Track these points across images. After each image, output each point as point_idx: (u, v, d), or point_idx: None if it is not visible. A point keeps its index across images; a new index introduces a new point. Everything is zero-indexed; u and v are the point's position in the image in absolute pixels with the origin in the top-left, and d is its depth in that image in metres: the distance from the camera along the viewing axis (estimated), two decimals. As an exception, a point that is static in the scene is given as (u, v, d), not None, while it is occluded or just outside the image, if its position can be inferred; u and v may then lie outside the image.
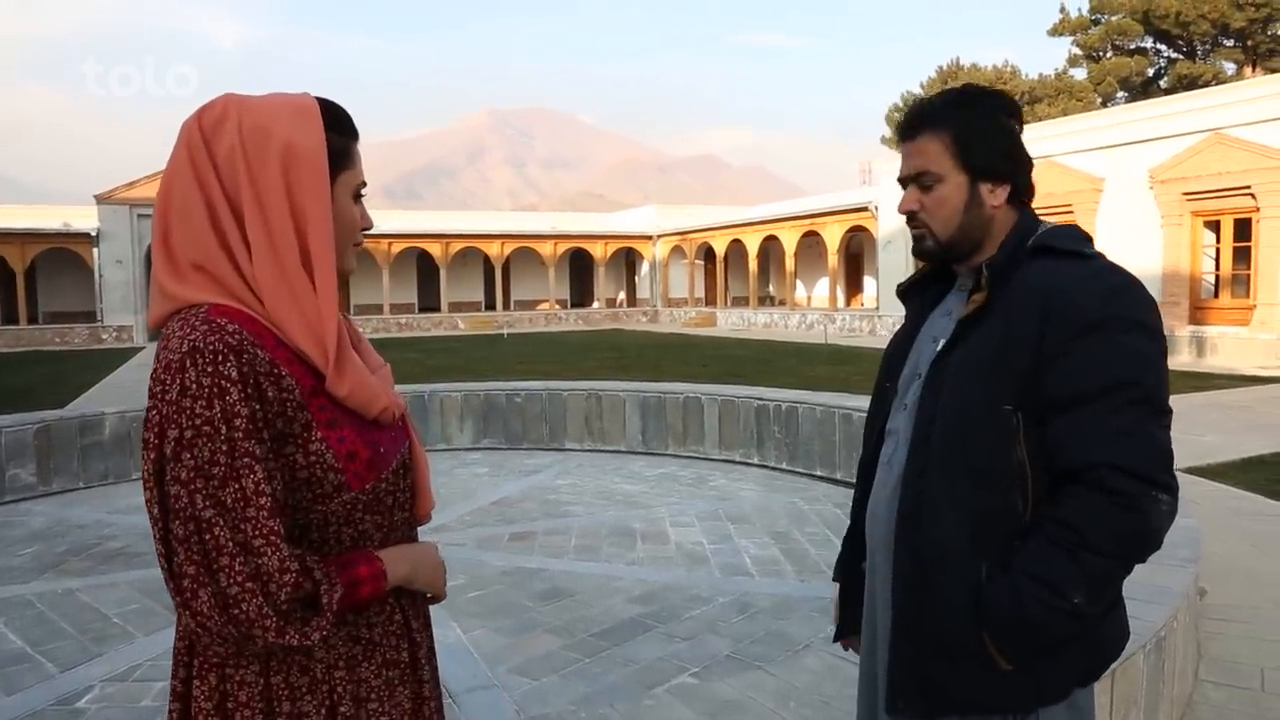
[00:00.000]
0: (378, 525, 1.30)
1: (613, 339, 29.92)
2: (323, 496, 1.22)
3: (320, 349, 1.21)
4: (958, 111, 1.56)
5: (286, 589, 1.11)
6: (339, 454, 1.22)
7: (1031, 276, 1.49)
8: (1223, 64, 39.99)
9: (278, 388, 1.17)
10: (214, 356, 1.13)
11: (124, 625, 4.57)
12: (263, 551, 1.11)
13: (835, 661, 2.61)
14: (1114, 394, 1.40)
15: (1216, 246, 19.38)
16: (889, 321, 28.59)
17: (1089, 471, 1.40)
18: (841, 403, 8.17)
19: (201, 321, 1.16)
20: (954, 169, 1.55)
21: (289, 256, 1.20)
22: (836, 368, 17.81)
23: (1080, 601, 1.39)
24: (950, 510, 1.49)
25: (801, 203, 40.27)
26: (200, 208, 1.20)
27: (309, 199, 1.21)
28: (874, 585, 1.71)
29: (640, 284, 48.11)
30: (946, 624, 1.49)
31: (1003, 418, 1.45)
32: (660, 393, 9.44)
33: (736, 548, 5.84)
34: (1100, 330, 1.41)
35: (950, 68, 48.66)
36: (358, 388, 1.25)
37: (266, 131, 1.21)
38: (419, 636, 1.38)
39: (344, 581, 1.20)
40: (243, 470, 1.12)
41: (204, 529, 1.10)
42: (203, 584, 1.10)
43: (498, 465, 8.87)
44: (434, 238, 40.59)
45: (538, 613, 4.67)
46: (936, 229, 1.59)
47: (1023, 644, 1.44)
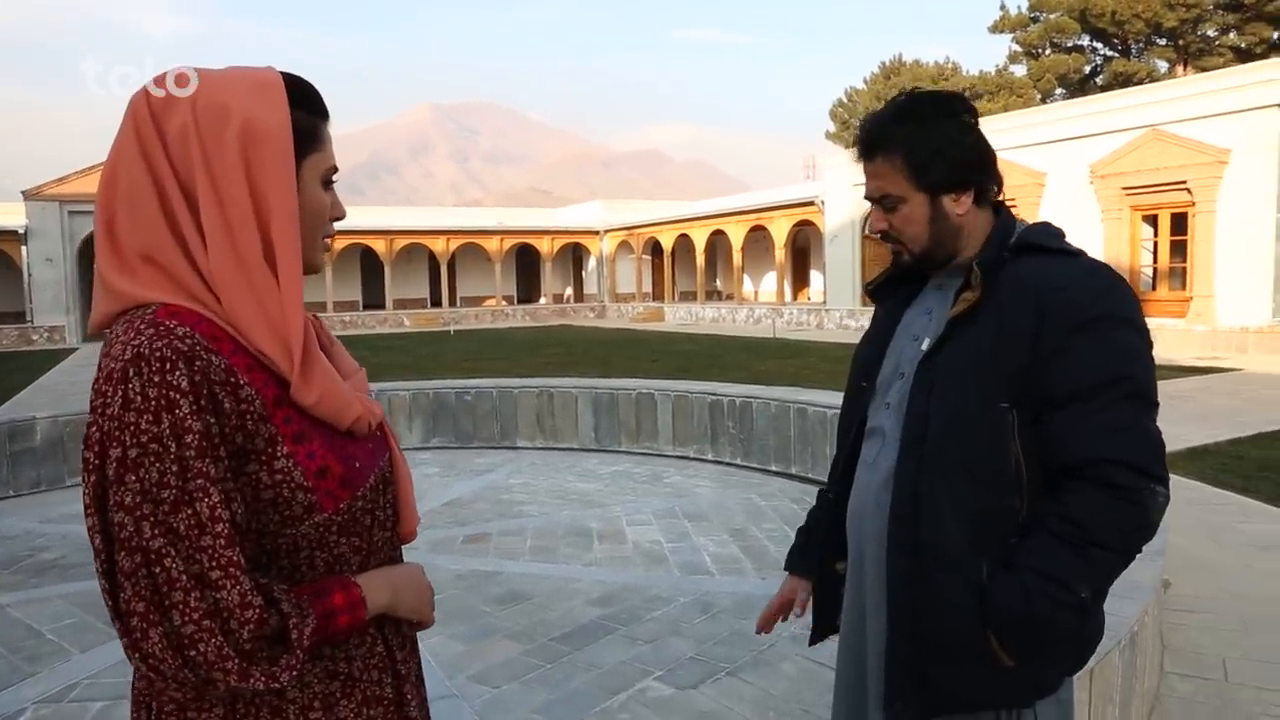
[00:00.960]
0: (355, 548, 1.17)
1: (561, 335, 29.73)
2: (291, 519, 1.09)
3: (284, 351, 1.08)
4: (907, 130, 1.55)
5: (249, 626, 0.99)
6: (308, 471, 1.09)
7: (1022, 274, 1.50)
8: (1156, 62, 41.02)
9: (236, 398, 1.04)
10: (161, 364, 0.99)
11: (59, 642, 4.34)
12: (221, 584, 0.98)
13: (812, 667, 2.54)
14: (1110, 389, 1.42)
15: (1154, 240, 19.85)
16: (836, 315, 28.81)
17: (1091, 467, 1.41)
18: (795, 397, 8.14)
19: (147, 325, 1.02)
20: (912, 189, 1.56)
21: (249, 247, 1.07)
22: (786, 361, 17.86)
23: (1087, 596, 1.42)
24: (949, 510, 1.49)
25: (748, 197, 40.44)
26: (149, 192, 1.06)
27: (271, 183, 1.08)
28: (861, 587, 1.68)
29: (587, 279, 47.93)
30: (948, 624, 1.49)
31: (998, 415, 1.45)
32: (612, 389, 9.34)
33: (695, 546, 5.76)
34: (1095, 326, 1.43)
35: (893, 64, 49.24)
36: (327, 395, 1.12)
37: (224, 107, 1.07)
38: (404, 668, 1.25)
39: (317, 612, 1.07)
40: (196, 493, 0.99)
41: (153, 561, 0.97)
42: (153, 623, 0.97)
43: (448, 465, 8.69)
44: (378, 234, 39.97)
45: (495, 617, 4.54)
46: (909, 244, 1.61)
47: (1030, 641, 1.45)
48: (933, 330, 1.59)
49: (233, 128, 1.07)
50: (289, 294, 1.09)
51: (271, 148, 1.08)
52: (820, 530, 1.87)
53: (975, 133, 1.58)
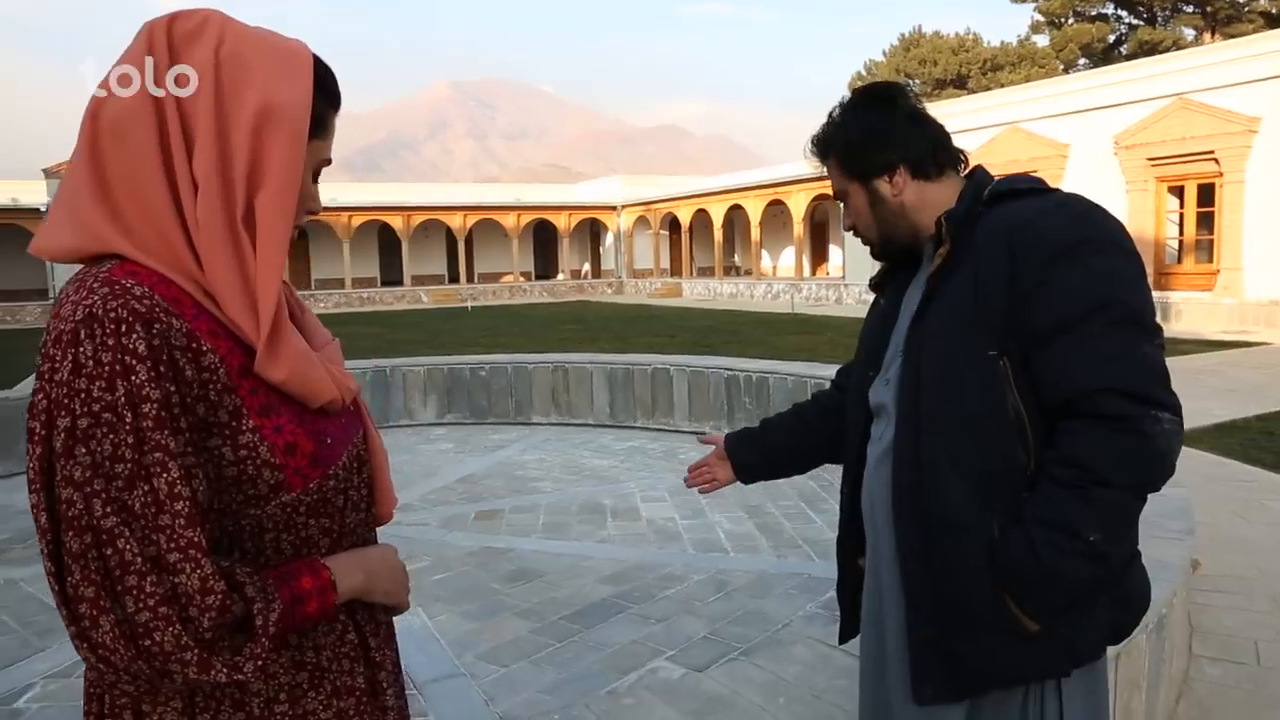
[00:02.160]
0: (325, 530, 1.08)
1: (578, 311, 29.66)
2: (257, 498, 1.00)
3: (253, 320, 0.99)
4: (836, 130, 1.62)
5: (210, 613, 0.90)
6: (275, 447, 1.00)
7: (993, 220, 1.46)
8: (1183, 30, 40.23)
9: (197, 366, 0.95)
10: (116, 326, 0.91)
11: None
12: (180, 568, 0.89)
13: (825, 650, 2.45)
14: (1096, 316, 1.34)
15: (1180, 212, 19.48)
16: (855, 290, 28.59)
17: (1083, 400, 1.34)
18: (813, 372, 8.03)
19: (101, 283, 0.93)
20: (849, 182, 1.62)
21: (236, 207, 0.99)
22: (804, 337, 17.72)
23: (1097, 539, 1.32)
24: (951, 471, 1.43)
25: (766, 172, 40.08)
26: (149, 121, 0.97)
27: (278, 152, 1.00)
28: (878, 572, 1.61)
29: (605, 255, 47.78)
30: (964, 591, 1.42)
31: (989, 365, 1.40)
32: (628, 364, 9.25)
33: (710, 523, 5.69)
34: (1071, 254, 1.37)
35: (913, 35, 48.52)
36: (297, 374, 1.03)
37: (248, 64, 1.00)
38: (378, 655, 1.16)
39: (285, 598, 0.98)
40: (154, 467, 0.90)
41: (105, 541, 0.88)
42: (104, 610, 0.88)
43: (462, 441, 8.65)
44: (395, 210, 39.97)
45: (506, 595, 4.48)
46: (865, 233, 1.65)
47: (1045, 597, 1.37)
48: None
49: (253, 88, 1.00)
50: (267, 262, 1.01)
51: (288, 118, 1.02)
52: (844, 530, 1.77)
53: (900, 113, 1.59)
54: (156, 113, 0.98)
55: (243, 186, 1.00)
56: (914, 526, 1.47)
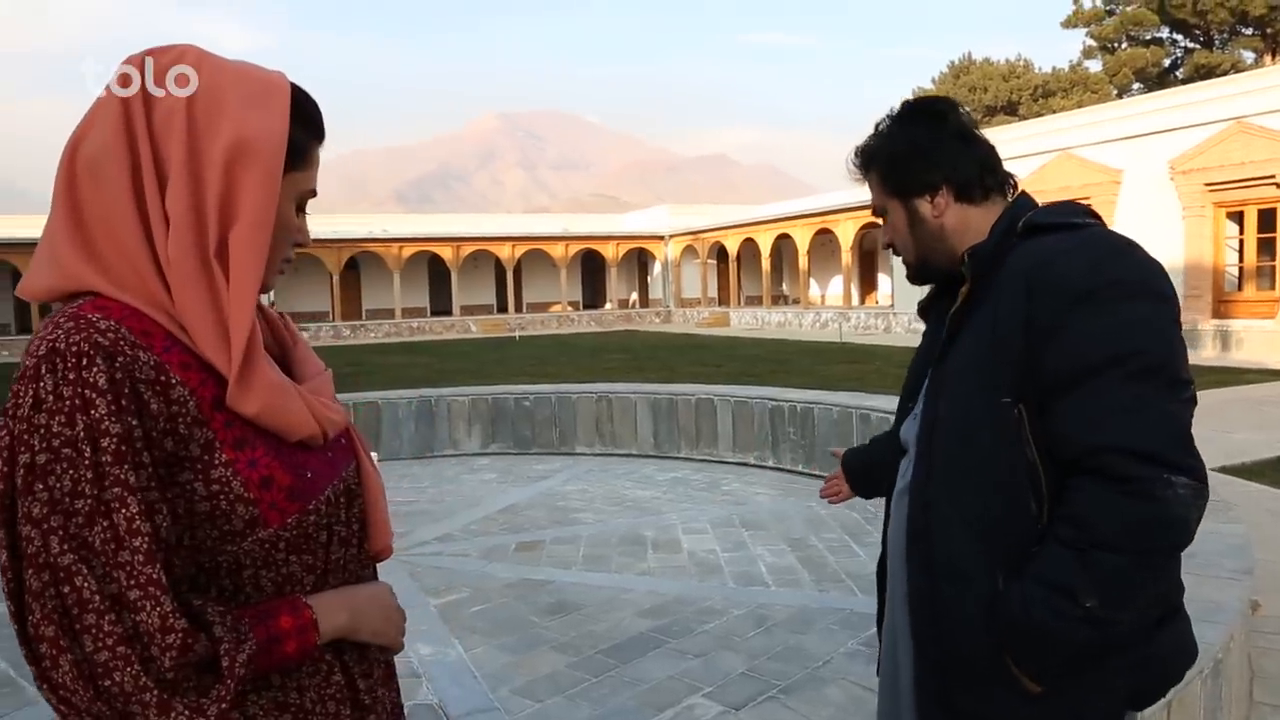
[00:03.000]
0: (308, 567, 1.06)
1: (625, 340, 29.70)
2: (232, 534, 0.98)
3: (225, 354, 0.98)
4: (880, 143, 1.57)
5: (171, 652, 0.88)
6: (250, 481, 0.98)
7: (1019, 255, 1.39)
8: (1241, 53, 39.47)
9: (165, 399, 0.94)
10: (77, 360, 0.90)
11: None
12: (140, 606, 0.88)
13: (860, 693, 2.38)
14: (1113, 368, 1.26)
15: (1240, 238, 18.98)
16: (904, 319, 28.27)
17: (1092, 457, 1.26)
18: (859, 403, 7.93)
19: (68, 318, 0.93)
20: (889, 198, 1.56)
21: (208, 241, 0.99)
22: (852, 366, 17.53)
23: (1094, 606, 1.24)
24: (957, 518, 1.39)
25: (814, 200, 39.94)
26: (123, 159, 0.98)
27: (250, 187, 1.00)
28: (894, 611, 1.59)
29: (653, 284, 47.89)
30: (964, 642, 1.37)
31: (1002, 412, 1.33)
32: (672, 394, 9.22)
33: (751, 556, 5.60)
34: (1092, 299, 1.28)
35: (962, 62, 48.27)
36: (270, 408, 1.01)
37: (223, 98, 1.00)
38: (368, 698, 1.13)
39: (259, 637, 0.96)
40: (113, 503, 0.88)
41: (62, 579, 0.87)
42: (63, 649, 0.87)
43: (506, 471, 8.66)
44: (445, 241, 40.52)
45: (543, 628, 4.44)
46: (903, 253, 1.60)
47: (1040, 658, 1.30)
48: None
49: (227, 121, 0.99)
50: (239, 296, 0.99)
51: (261, 152, 1.01)
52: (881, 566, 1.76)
53: (949, 130, 1.52)
54: (130, 149, 0.98)
55: (215, 221, 0.99)
56: (922, 571, 1.44)
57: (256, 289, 1.01)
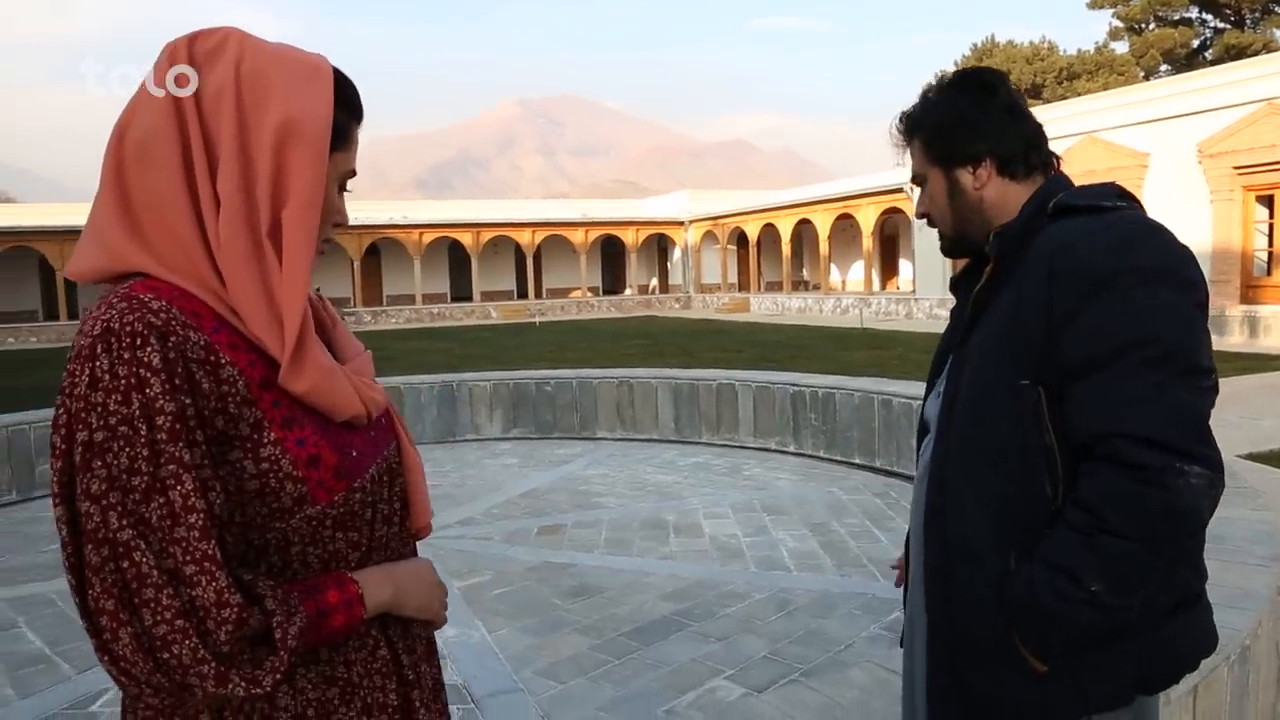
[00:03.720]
0: (353, 544, 1.08)
1: (645, 326, 29.70)
2: (281, 511, 1.00)
3: (276, 335, 1.00)
4: (926, 110, 1.56)
5: (227, 626, 0.90)
6: (298, 459, 1.00)
7: (1044, 238, 1.39)
8: (1274, 32, 38.82)
9: (215, 379, 0.96)
10: (132, 340, 0.92)
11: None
12: (196, 580, 0.90)
13: (883, 675, 2.39)
14: (1130, 354, 1.26)
15: (1270, 222, 18.72)
16: (926, 305, 28.12)
17: (1104, 444, 1.26)
18: (881, 388, 7.90)
19: (120, 299, 0.95)
20: (930, 166, 1.56)
21: (262, 222, 1.00)
22: (873, 352, 17.47)
23: (1099, 590, 1.25)
24: (972, 498, 1.40)
25: (834, 185, 39.71)
26: (172, 141, 0.99)
27: (300, 168, 1.01)
28: (914, 592, 1.62)
29: (673, 270, 47.83)
30: (975, 621, 1.40)
31: (1021, 394, 1.34)
32: (693, 380, 9.21)
33: (773, 540, 5.61)
34: (1112, 285, 1.28)
35: (985, 45, 47.76)
36: (319, 388, 1.03)
37: (269, 81, 1.01)
38: (412, 673, 1.15)
39: (308, 611, 0.98)
40: (169, 480, 0.90)
41: (122, 554, 0.89)
42: (123, 622, 0.89)
43: (527, 455, 8.70)
44: (465, 227, 40.61)
45: (566, 611, 4.47)
46: (939, 224, 1.59)
47: (1043, 638, 1.32)
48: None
49: (274, 103, 1.01)
50: (292, 277, 1.01)
51: (308, 133, 1.02)
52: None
53: (997, 102, 1.51)
54: (180, 131, 0.99)
55: (267, 202, 1.00)
56: (938, 549, 1.46)
57: (309, 269, 1.02)
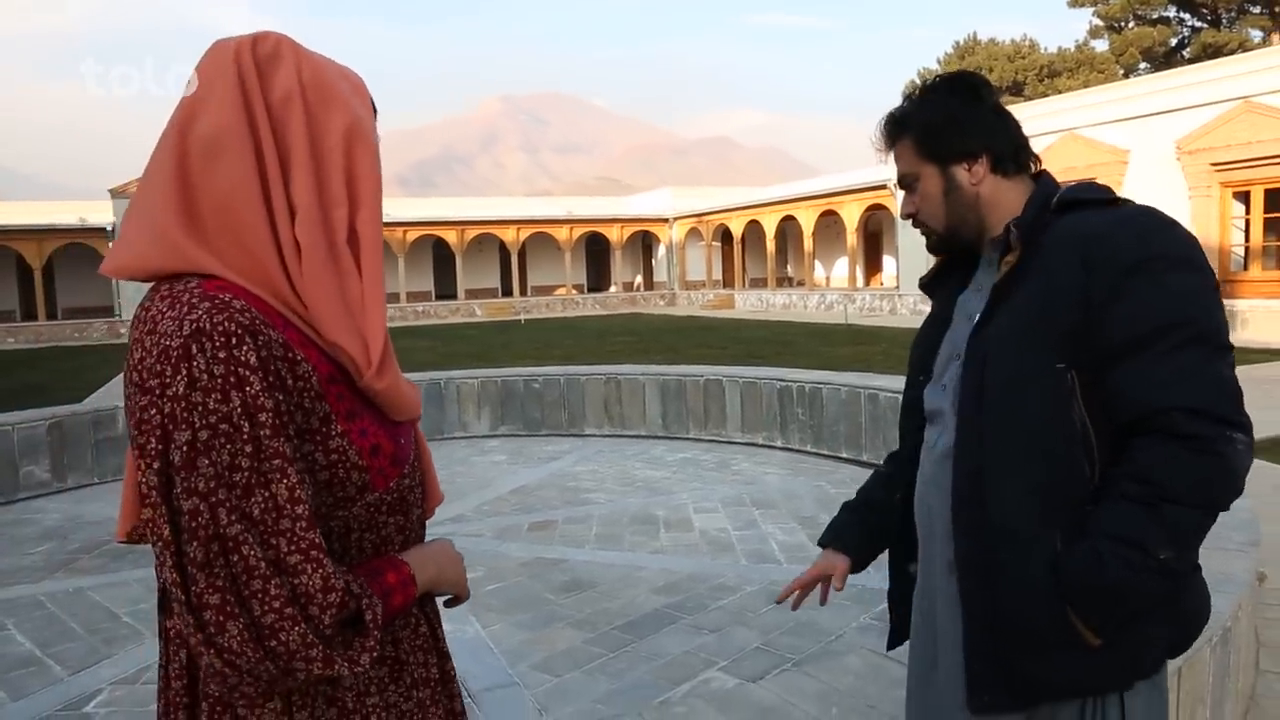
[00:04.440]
0: (400, 528, 1.13)
1: (630, 323, 29.74)
2: (345, 500, 1.04)
3: (360, 343, 1.03)
4: (915, 111, 1.58)
5: (331, 610, 0.94)
6: (362, 449, 1.04)
7: (1063, 229, 1.44)
8: (1250, 31, 39.21)
9: (294, 375, 0.98)
10: (226, 339, 0.93)
11: (134, 625, 4.45)
12: (301, 569, 0.93)
13: (878, 661, 2.44)
14: (1170, 334, 1.33)
15: (1246, 218, 18.93)
16: (909, 301, 28.28)
17: (1158, 418, 1.32)
18: (867, 383, 7.97)
19: (200, 299, 0.95)
20: (923, 164, 1.57)
21: (339, 226, 1.03)
22: (858, 348, 17.57)
23: (1167, 557, 1.32)
24: (1011, 484, 1.42)
25: (819, 182, 39.85)
26: (244, 141, 0.99)
27: (366, 170, 1.06)
28: (932, 579, 1.60)
29: (657, 267, 47.86)
30: (1024, 603, 1.41)
31: (1056, 378, 1.39)
32: (680, 375, 9.26)
33: (763, 534, 5.66)
34: (1144, 270, 1.36)
35: (968, 43, 48.02)
36: (394, 389, 1.08)
37: (331, 89, 1.05)
38: (444, 645, 1.22)
39: (377, 592, 1.03)
40: (273, 474, 0.93)
41: (231, 549, 0.91)
42: (231, 615, 0.91)
43: (516, 452, 8.72)
44: (449, 225, 40.51)
45: (559, 605, 4.51)
46: (932, 223, 1.60)
47: (1111, 612, 1.36)
48: (981, 305, 1.53)
49: (338, 111, 1.05)
50: (373, 281, 1.05)
51: (367, 136, 1.08)
52: (871, 510, 1.84)
53: (986, 104, 1.56)
54: (252, 132, 1.00)
55: (344, 208, 1.04)
56: (972, 536, 1.46)
57: (382, 272, 1.06)
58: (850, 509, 1.90)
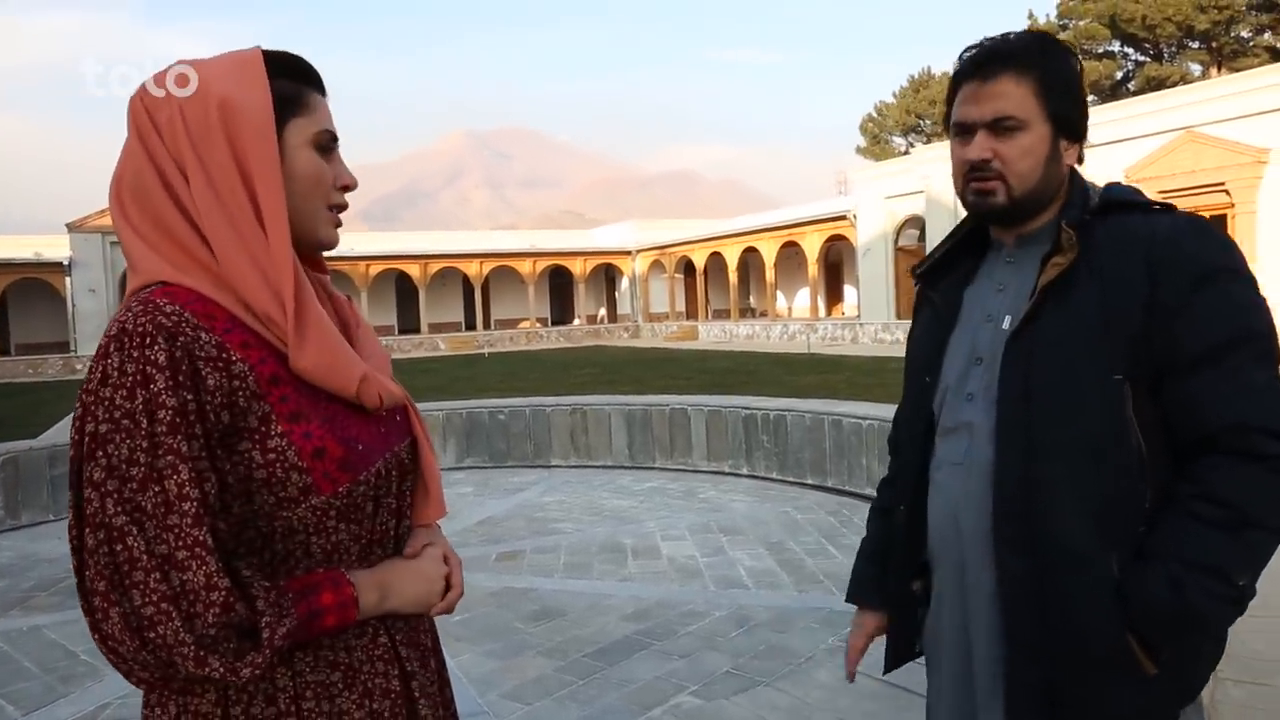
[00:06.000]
0: (355, 536, 1.13)
1: (594, 355, 29.74)
2: (287, 501, 1.05)
3: (277, 302, 1.07)
4: (1044, 55, 1.39)
5: (214, 609, 0.95)
6: (303, 451, 1.06)
7: (1122, 231, 1.34)
8: (1189, 65, 40.46)
9: (226, 374, 1.02)
10: (141, 339, 0.99)
11: (92, 662, 4.35)
12: (186, 565, 0.95)
13: (847, 676, 2.46)
14: (1242, 348, 1.27)
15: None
16: (871, 329, 28.60)
17: (1233, 436, 1.25)
18: (831, 409, 8.04)
19: (138, 302, 1.03)
20: (1039, 117, 1.38)
21: (239, 210, 1.08)
22: (822, 376, 17.71)
23: (1245, 583, 1.25)
24: (1071, 500, 1.31)
25: (780, 214, 40.33)
26: (152, 174, 1.09)
27: (250, 150, 1.09)
28: (963, 601, 1.48)
29: (621, 300, 48.02)
30: (1079, 628, 1.31)
31: (1113, 389, 1.30)
32: (646, 405, 9.29)
33: (730, 560, 5.68)
34: (1214, 281, 1.29)
35: (922, 76, 49.02)
36: (323, 358, 1.09)
37: (203, 91, 1.10)
38: (409, 665, 1.19)
39: (301, 612, 1.03)
40: (165, 470, 0.96)
41: (115, 538, 0.95)
42: (113, 602, 0.95)
43: (482, 484, 8.68)
44: (412, 259, 40.41)
45: (528, 634, 4.49)
46: (1013, 181, 1.39)
47: (1182, 640, 1.29)
48: (1011, 306, 1.42)
49: (212, 107, 1.09)
50: (277, 249, 1.09)
51: (248, 118, 1.10)
52: (892, 554, 1.66)
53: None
54: (154, 163, 1.09)
55: (239, 188, 1.09)
56: (1021, 556, 1.35)
57: (286, 235, 1.09)
58: (870, 558, 1.74)
